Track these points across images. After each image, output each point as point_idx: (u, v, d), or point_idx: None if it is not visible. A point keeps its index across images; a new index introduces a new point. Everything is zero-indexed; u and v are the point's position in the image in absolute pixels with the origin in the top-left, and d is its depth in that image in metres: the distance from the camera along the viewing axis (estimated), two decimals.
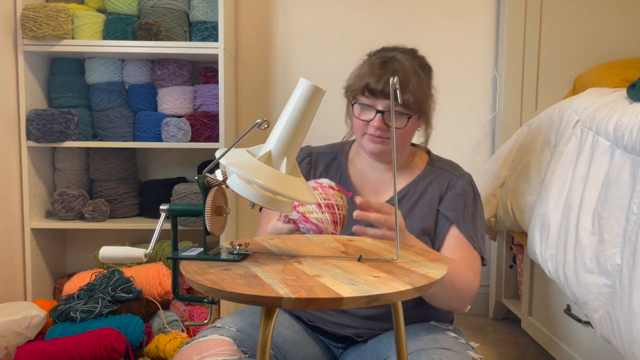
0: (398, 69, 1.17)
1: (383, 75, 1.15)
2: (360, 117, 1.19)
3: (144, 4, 2.08)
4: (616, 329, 1.13)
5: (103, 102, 2.10)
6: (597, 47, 2.23)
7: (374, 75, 1.16)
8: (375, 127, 1.17)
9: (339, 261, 0.83)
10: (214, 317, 1.87)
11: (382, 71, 1.16)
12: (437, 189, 1.23)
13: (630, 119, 1.23)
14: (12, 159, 1.99)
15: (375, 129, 1.17)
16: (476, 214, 1.23)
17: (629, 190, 1.17)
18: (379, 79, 1.15)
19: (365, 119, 1.19)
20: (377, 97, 1.16)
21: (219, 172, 0.83)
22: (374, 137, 1.19)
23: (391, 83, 0.84)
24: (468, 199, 1.22)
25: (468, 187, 1.24)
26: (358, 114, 1.20)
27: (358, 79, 1.20)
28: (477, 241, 1.20)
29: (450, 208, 1.20)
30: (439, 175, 1.25)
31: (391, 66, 1.17)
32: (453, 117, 2.34)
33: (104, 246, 0.84)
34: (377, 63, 1.18)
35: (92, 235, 2.31)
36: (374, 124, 1.17)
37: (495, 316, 2.29)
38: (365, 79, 1.17)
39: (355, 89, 1.20)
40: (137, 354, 1.63)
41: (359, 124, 1.21)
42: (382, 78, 1.15)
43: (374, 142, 1.20)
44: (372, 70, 1.17)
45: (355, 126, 1.22)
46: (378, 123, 1.16)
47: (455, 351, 1.02)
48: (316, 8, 2.31)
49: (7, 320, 1.56)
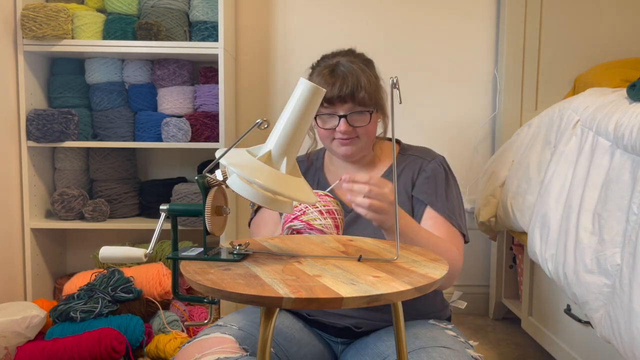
0: (347, 71, 1.21)
1: (335, 82, 1.20)
2: (326, 127, 1.24)
3: (144, 4, 2.08)
4: (616, 329, 1.13)
5: (103, 102, 2.10)
6: (597, 47, 2.23)
7: (326, 84, 1.20)
8: (342, 131, 1.22)
9: (339, 261, 0.83)
10: (214, 317, 1.87)
11: (333, 79, 1.21)
12: (409, 175, 1.27)
13: (630, 119, 1.23)
14: (12, 159, 1.99)
15: (343, 133, 1.22)
16: (450, 192, 1.26)
17: (629, 190, 1.17)
18: (332, 87, 1.20)
19: (330, 127, 1.23)
20: (336, 104, 1.21)
21: (219, 172, 0.84)
22: (343, 140, 1.23)
23: (391, 83, 0.84)
24: (439, 179, 1.26)
25: (439, 168, 1.28)
26: (322, 124, 1.24)
27: None
28: (454, 218, 1.23)
29: (422, 191, 1.24)
30: (410, 162, 1.30)
31: (339, 71, 1.22)
32: (453, 117, 2.34)
33: (104, 246, 0.85)
34: (326, 72, 1.22)
35: (92, 235, 2.31)
36: (340, 129, 1.22)
37: (495, 316, 2.29)
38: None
39: None
40: (137, 354, 1.63)
41: (325, 134, 1.25)
42: (335, 85, 1.20)
43: (344, 145, 1.24)
44: (323, 81, 1.21)
45: (322, 136, 1.27)
46: (344, 127, 1.21)
47: (455, 350, 1.02)
48: (316, 8, 2.31)
49: (7, 320, 1.56)
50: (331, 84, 1.20)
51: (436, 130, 2.34)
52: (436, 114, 2.34)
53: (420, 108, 2.32)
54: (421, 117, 2.33)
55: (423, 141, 2.32)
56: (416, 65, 2.32)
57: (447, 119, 2.34)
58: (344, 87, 1.19)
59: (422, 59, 2.31)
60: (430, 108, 2.32)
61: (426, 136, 2.32)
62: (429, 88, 2.33)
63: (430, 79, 2.32)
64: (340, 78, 1.20)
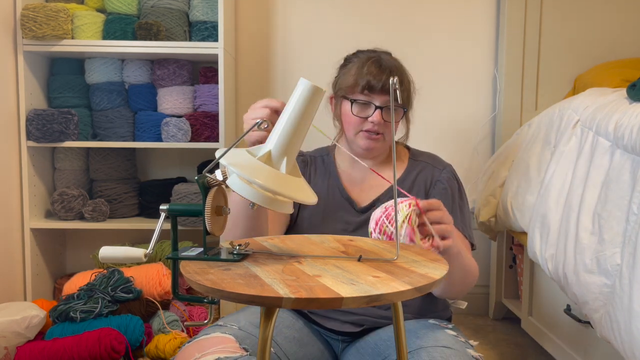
0: (392, 66, 1.25)
1: (382, 73, 1.22)
2: (359, 115, 1.24)
3: (143, 4, 2.08)
4: (616, 329, 1.13)
5: (103, 102, 2.10)
6: (597, 47, 2.23)
7: (371, 73, 1.22)
8: (375, 122, 1.22)
9: (339, 261, 0.83)
10: (214, 317, 1.87)
11: (379, 69, 1.23)
12: (422, 183, 1.29)
13: (630, 119, 1.23)
14: (12, 159, 1.99)
15: (374, 124, 1.22)
16: (463, 205, 1.30)
17: (629, 190, 1.17)
18: (377, 76, 1.21)
19: (363, 115, 1.23)
20: (376, 94, 1.22)
21: (219, 172, 0.83)
22: (370, 134, 1.24)
23: (391, 83, 0.85)
24: (455, 192, 1.29)
25: (452, 180, 1.31)
26: (357, 111, 1.24)
27: (354, 78, 1.24)
28: (467, 230, 1.28)
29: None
30: (423, 169, 1.32)
31: (386, 64, 1.24)
32: (453, 117, 2.34)
33: (104, 246, 0.84)
34: (370, 62, 1.24)
35: (92, 235, 2.31)
36: (373, 120, 1.22)
37: (495, 316, 2.29)
38: (365, 78, 1.22)
39: (351, 88, 1.24)
40: (137, 354, 1.63)
41: (354, 121, 1.25)
42: (380, 75, 1.21)
43: (370, 139, 1.25)
44: (369, 69, 1.22)
45: (350, 124, 1.26)
46: (377, 118, 1.22)
47: (455, 349, 1.02)
48: (316, 8, 2.31)
49: (7, 320, 1.56)
50: (377, 74, 1.22)
51: (436, 130, 2.34)
52: (436, 114, 2.34)
53: (420, 108, 2.31)
54: (421, 117, 2.31)
55: (423, 141, 2.32)
56: (416, 66, 2.29)
57: (447, 119, 2.34)
58: (389, 80, 1.20)
59: (422, 59, 2.31)
60: (431, 108, 2.32)
61: (426, 136, 2.32)
62: (429, 88, 2.33)
63: (430, 79, 2.32)
64: (387, 70, 1.23)
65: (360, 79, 1.22)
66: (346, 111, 1.26)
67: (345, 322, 1.19)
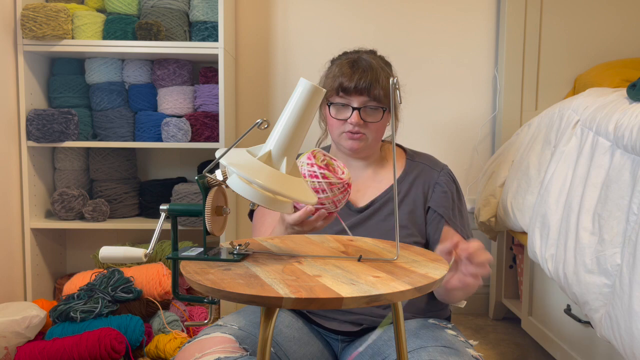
0: (367, 66, 1.24)
1: (354, 73, 1.22)
2: (337, 117, 1.25)
3: (144, 4, 2.08)
4: (616, 329, 1.13)
5: (103, 102, 2.10)
6: (597, 47, 2.23)
7: (345, 75, 1.23)
8: (353, 123, 1.23)
9: (339, 261, 0.83)
10: (214, 317, 1.87)
11: (352, 70, 1.23)
12: (420, 186, 1.29)
13: (630, 119, 1.23)
14: (12, 159, 1.99)
15: (354, 125, 1.23)
16: (461, 206, 1.31)
17: (629, 190, 1.17)
18: (350, 77, 1.22)
19: (342, 117, 1.25)
20: (351, 95, 1.23)
21: (219, 172, 0.84)
22: (352, 134, 1.25)
23: (391, 83, 0.85)
24: (454, 194, 1.30)
25: (451, 182, 1.31)
26: (335, 114, 1.26)
27: (330, 81, 1.26)
28: (465, 231, 1.28)
29: (441, 205, 1.26)
30: (421, 171, 1.31)
31: (360, 64, 1.24)
32: (453, 117, 2.34)
33: (104, 246, 0.84)
34: (346, 63, 1.25)
35: (92, 235, 2.31)
36: (352, 121, 1.23)
37: (495, 316, 2.29)
38: (338, 80, 1.23)
39: (329, 91, 1.26)
40: (137, 354, 1.63)
41: (335, 124, 1.26)
42: (353, 76, 1.22)
43: (352, 139, 1.26)
44: (342, 71, 1.24)
45: (332, 126, 1.28)
46: (356, 119, 1.23)
47: (455, 349, 1.02)
48: (316, 8, 2.31)
49: (7, 320, 1.56)
50: (350, 75, 1.22)
51: (436, 130, 2.34)
52: (436, 114, 2.34)
53: (420, 108, 2.32)
54: (421, 117, 2.33)
55: (423, 141, 2.33)
56: (416, 66, 2.32)
57: (447, 119, 2.34)
58: (362, 80, 1.21)
59: (422, 59, 2.31)
60: (431, 108, 2.33)
61: (426, 136, 2.32)
62: (429, 88, 2.33)
63: (430, 79, 2.32)
64: (359, 71, 1.22)
65: (335, 81, 1.24)
66: (327, 114, 1.28)
67: (345, 322, 1.19)
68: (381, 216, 1.25)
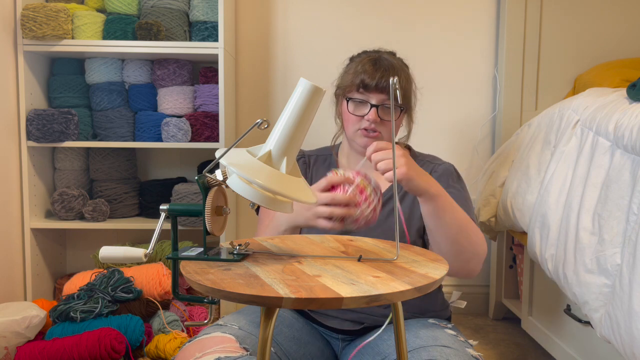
0: (388, 65, 1.26)
1: (376, 71, 1.23)
2: (355, 113, 1.26)
3: (144, 4, 2.08)
4: (616, 329, 1.13)
5: (103, 102, 2.10)
6: (597, 47, 2.23)
7: (366, 72, 1.24)
8: (370, 120, 1.24)
9: (339, 261, 0.83)
10: (214, 317, 1.87)
11: (374, 68, 1.24)
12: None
13: (630, 119, 1.23)
14: (12, 159, 1.99)
15: (370, 123, 1.24)
16: (461, 188, 1.29)
17: (629, 190, 1.17)
18: (372, 75, 1.23)
19: (359, 114, 1.26)
20: (371, 92, 1.24)
21: (219, 172, 0.84)
22: (367, 132, 1.26)
23: (391, 83, 0.85)
24: (451, 177, 1.30)
25: (450, 168, 1.32)
26: (353, 109, 1.27)
27: (351, 77, 1.26)
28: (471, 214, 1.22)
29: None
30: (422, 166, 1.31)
31: (382, 63, 1.26)
32: (453, 117, 2.34)
33: (104, 246, 0.85)
34: (367, 61, 1.26)
35: (92, 235, 2.31)
36: (369, 118, 1.24)
37: (495, 316, 2.29)
38: (360, 76, 1.24)
39: (348, 86, 1.27)
40: (137, 354, 1.63)
41: (352, 120, 1.27)
42: (375, 74, 1.23)
43: (367, 137, 1.27)
44: (364, 68, 1.25)
45: (348, 122, 1.29)
46: (373, 116, 1.24)
47: (455, 348, 1.02)
48: (316, 8, 2.31)
49: (7, 320, 1.56)
50: (371, 73, 1.23)
51: (436, 130, 2.34)
52: (436, 114, 2.34)
53: (420, 108, 2.31)
54: (421, 117, 2.31)
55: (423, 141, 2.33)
56: (416, 66, 2.30)
57: (447, 119, 2.34)
58: (383, 79, 1.22)
59: (422, 59, 2.31)
60: (431, 108, 2.32)
61: (426, 136, 2.32)
62: (429, 88, 2.32)
63: (430, 79, 2.32)
64: (381, 69, 1.24)
65: (356, 77, 1.24)
66: (344, 109, 1.29)
67: (345, 320, 1.19)
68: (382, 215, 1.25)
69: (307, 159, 1.39)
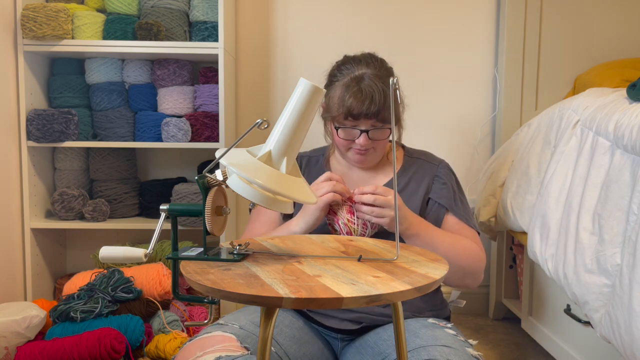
0: (374, 90, 1.22)
1: (363, 100, 1.21)
2: (346, 138, 1.28)
3: (144, 4, 2.08)
4: (616, 329, 1.13)
5: (103, 102, 2.10)
6: (597, 47, 2.23)
7: (353, 99, 1.21)
8: (362, 144, 1.26)
9: (339, 261, 0.83)
10: (214, 317, 1.87)
11: (361, 96, 1.21)
12: (420, 180, 1.33)
13: (630, 119, 1.23)
14: (12, 159, 1.99)
15: (362, 146, 1.26)
16: (462, 196, 1.35)
17: (629, 190, 1.17)
18: (359, 105, 1.21)
19: (350, 138, 1.27)
20: (360, 120, 1.24)
21: (219, 172, 0.84)
22: (360, 151, 1.28)
23: (391, 83, 0.85)
24: (454, 185, 1.34)
25: (450, 174, 1.36)
26: (343, 136, 1.27)
27: (337, 105, 1.25)
28: (470, 220, 1.32)
29: (442, 196, 1.31)
30: (420, 167, 1.36)
31: (367, 89, 1.22)
32: (453, 117, 2.34)
33: (104, 246, 0.85)
34: (353, 85, 1.23)
35: (92, 235, 2.31)
36: (360, 142, 1.26)
37: (495, 316, 2.29)
38: (346, 105, 1.22)
39: (336, 116, 1.26)
40: (137, 354, 1.63)
41: (343, 143, 1.29)
42: (362, 105, 1.21)
43: (360, 154, 1.29)
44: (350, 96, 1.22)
45: (339, 145, 1.31)
46: (364, 141, 1.25)
47: (455, 348, 1.02)
48: (316, 8, 2.31)
49: (7, 320, 1.56)
50: (360, 102, 1.21)
51: (436, 130, 2.34)
52: (436, 114, 2.34)
53: (420, 108, 2.32)
54: (421, 117, 2.33)
55: (423, 141, 2.33)
56: (416, 66, 2.32)
57: (447, 119, 2.34)
58: (371, 107, 1.21)
59: (422, 59, 2.31)
60: (431, 108, 2.33)
61: (426, 136, 2.32)
62: (429, 88, 2.33)
63: (430, 79, 2.32)
64: (368, 97, 1.21)
65: (342, 106, 1.23)
66: (334, 133, 1.30)
67: (344, 320, 1.20)
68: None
69: (299, 160, 1.41)
